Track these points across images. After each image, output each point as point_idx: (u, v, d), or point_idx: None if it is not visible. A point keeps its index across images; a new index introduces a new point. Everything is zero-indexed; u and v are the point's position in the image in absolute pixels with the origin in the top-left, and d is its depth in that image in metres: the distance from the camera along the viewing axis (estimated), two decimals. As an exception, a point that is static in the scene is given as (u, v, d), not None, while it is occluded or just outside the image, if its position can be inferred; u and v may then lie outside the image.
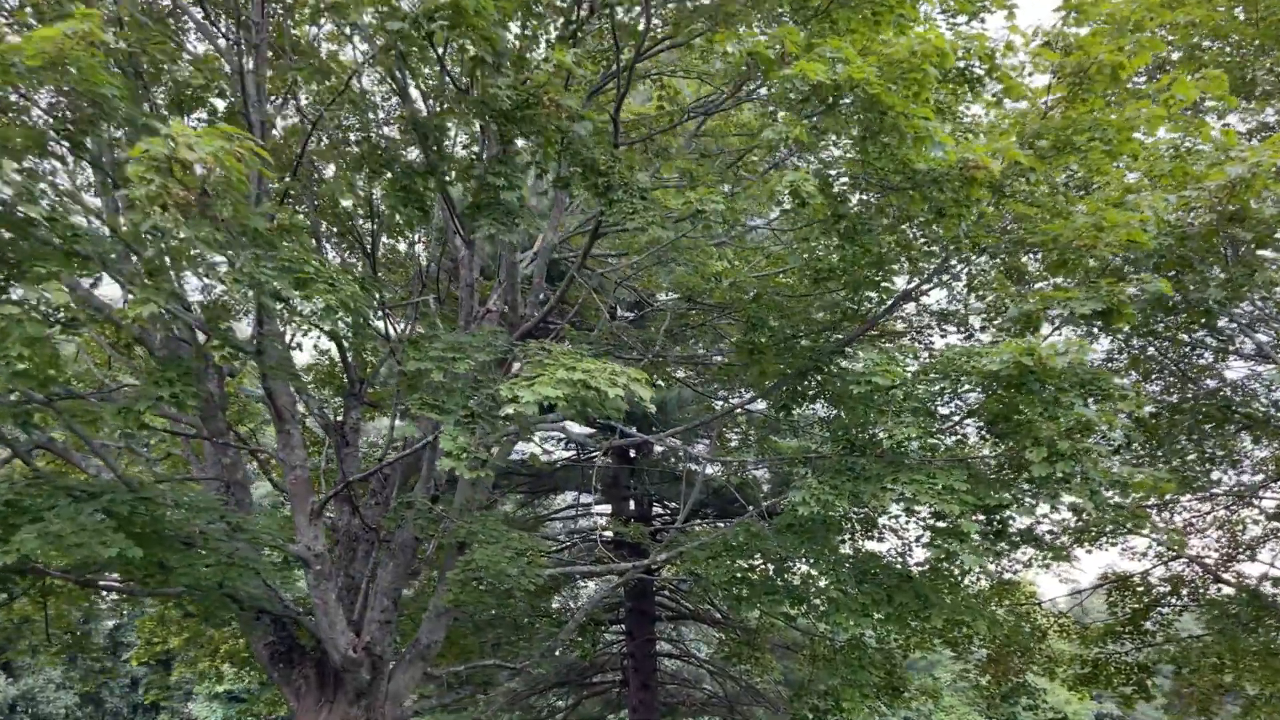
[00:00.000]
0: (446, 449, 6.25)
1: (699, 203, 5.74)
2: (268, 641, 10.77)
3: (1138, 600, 14.45)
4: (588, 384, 5.69)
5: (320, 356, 13.37)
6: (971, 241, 6.97)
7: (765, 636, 16.89)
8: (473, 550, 9.09)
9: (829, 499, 6.69)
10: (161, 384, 5.68)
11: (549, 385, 5.71)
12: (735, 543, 8.12)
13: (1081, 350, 5.87)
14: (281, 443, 9.78)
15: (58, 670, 32.12)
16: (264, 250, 5.66)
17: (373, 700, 10.48)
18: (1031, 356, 5.82)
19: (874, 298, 8.19)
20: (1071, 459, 6.06)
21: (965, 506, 6.36)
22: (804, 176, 5.52)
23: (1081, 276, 6.78)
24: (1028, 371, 6.00)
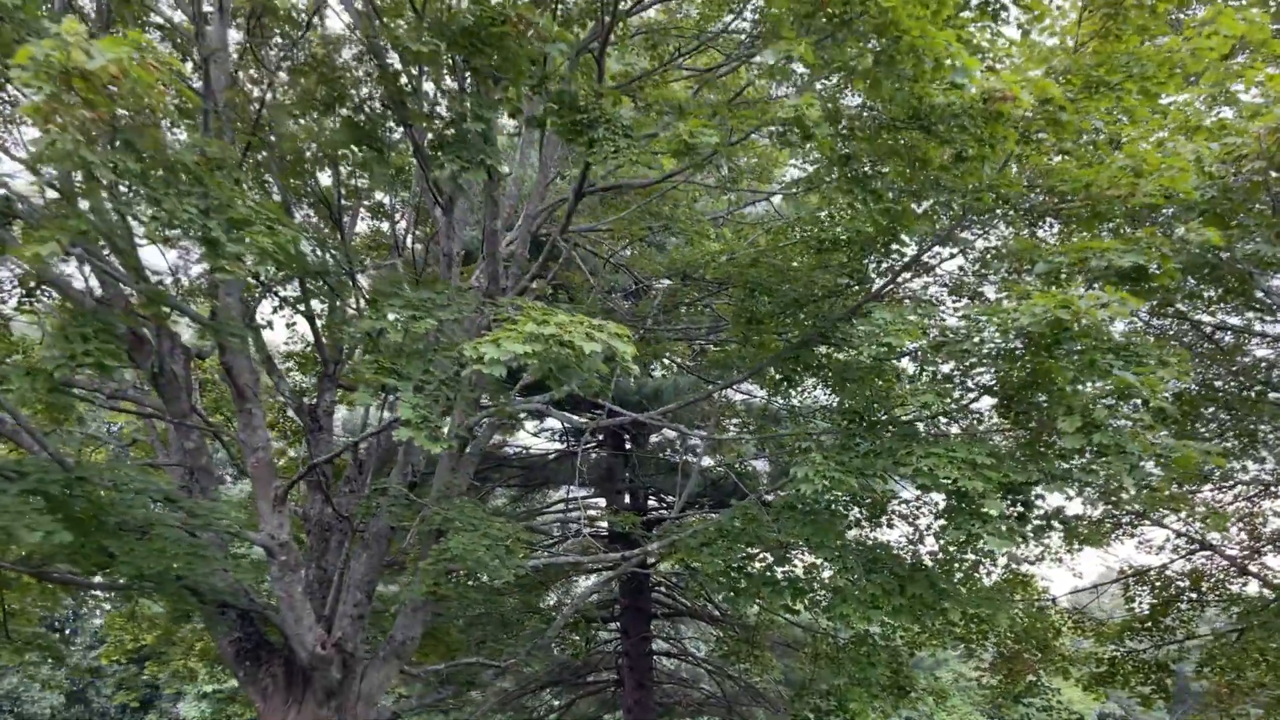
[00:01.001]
0: (405, 417, 5.55)
1: (690, 136, 5.03)
2: (233, 638, 10.06)
3: (1156, 596, 13.73)
4: (561, 340, 4.98)
5: (291, 335, 12.67)
6: (994, 192, 6.26)
7: (765, 634, 16.18)
8: (448, 538, 8.38)
9: (835, 475, 5.99)
10: (74, 339, 4.98)
11: (517, 341, 5.00)
12: (730, 529, 7.41)
13: (1124, 305, 5.16)
14: (242, 423, 9.07)
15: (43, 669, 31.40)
16: (191, 186, 4.94)
17: (343, 700, 9.78)
18: (1068, 309, 5.10)
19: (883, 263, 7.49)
20: (1110, 431, 5.36)
21: (989, 484, 5.66)
22: (809, 100, 4.81)
23: (1115, 230, 6.06)
24: (1062, 329, 5.29)
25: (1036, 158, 6.86)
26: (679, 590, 20.45)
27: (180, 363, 10.35)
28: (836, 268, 7.64)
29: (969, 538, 5.79)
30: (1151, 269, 5.93)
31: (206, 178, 4.98)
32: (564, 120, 5.61)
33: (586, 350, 4.87)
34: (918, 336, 5.79)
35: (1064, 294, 5.19)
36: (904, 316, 5.91)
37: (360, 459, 11.12)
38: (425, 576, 8.40)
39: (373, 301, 5.90)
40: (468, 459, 10.79)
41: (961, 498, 5.89)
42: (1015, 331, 5.44)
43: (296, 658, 9.48)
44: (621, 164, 5.24)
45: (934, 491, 6.06)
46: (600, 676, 20.93)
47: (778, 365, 7.54)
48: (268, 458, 9.11)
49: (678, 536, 8.83)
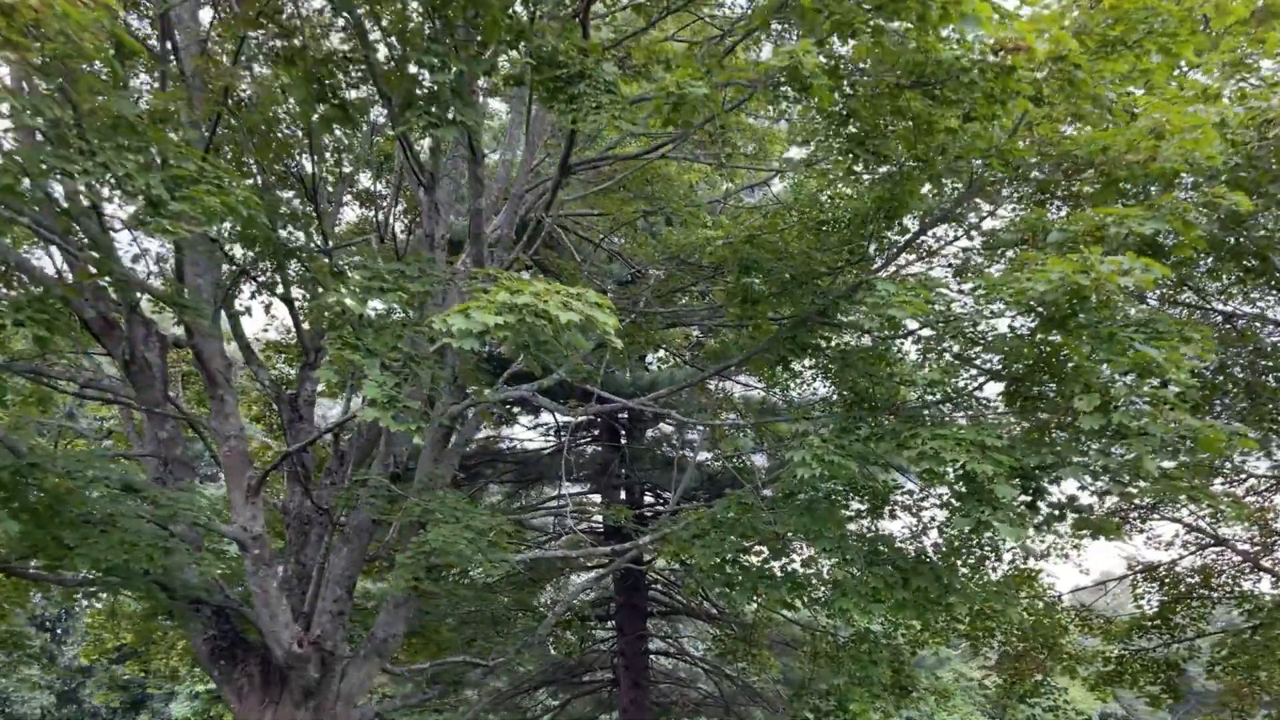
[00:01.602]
0: (371, 396, 5.14)
1: (678, 87, 4.63)
2: (207, 636, 9.66)
3: (1166, 593, 13.32)
4: (536, 310, 4.57)
5: (271, 321, 12.23)
6: (1003, 159, 5.85)
7: (763, 632, 15.76)
8: (427, 530, 7.97)
9: (834, 460, 5.58)
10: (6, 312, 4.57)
11: (489, 312, 4.59)
12: (724, 519, 7.00)
13: (1148, 271, 4.74)
14: (214, 410, 8.67)
15: (33, 670, 31.02)
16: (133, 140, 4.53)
17: (322, 701, 9.37)
18: (1088, 274, 4.69)
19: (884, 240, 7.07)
20: (1130, 411, 4.95)
21: (999, 468, 5.25)
22: (805, 46, 4.40)
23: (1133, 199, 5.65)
24: (1080, 298, 4.88)
25: (1047, 127, 6.45)
26: (675, 588, 20.05)
27: (156, 350, 9.95)
28: (836, 244, 7.23)
29: (978, 526, 5.39)
30: (1168, 244, 5.54)
31: (150, 131, 4.56)
32: (543, 77, 5.21)
33: (563, 319, 4.46)
34: (924, 310, 5.38)
35: (1082, 258, 4.77)
36: (908, 289, 5.50)
37: (342, 450, 10.71)
38: (404, 570, 7.99)
39: (339, 274, 5.48)
40: (453, 450, 10.38)
41: (970, 482, 5.49)
42: (1029, 303, 5.02)
43: (273, 656, 9.08)
44: (604, 123, 4.83)
45: (940, 477, 5.65)
46: (596, 676, 20.52)
47: (774, 348, 7.13)
48: (241, 446, 8.70)
49: (669, 530, 8.43)
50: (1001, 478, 5.31)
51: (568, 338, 4.97)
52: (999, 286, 5.22)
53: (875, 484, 7.21)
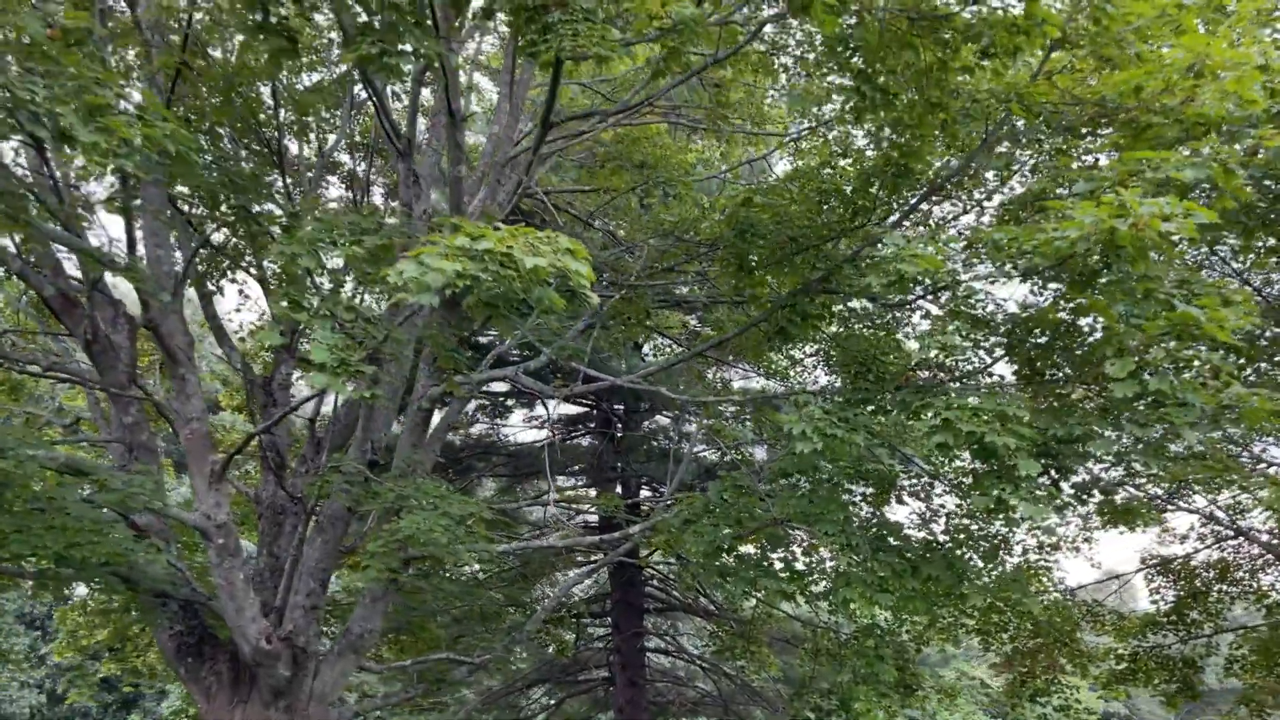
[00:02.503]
0: (319, 359, 4.61)
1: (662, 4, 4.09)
2: (173, 632, 9.13)
3: (1184, 588, 12.76)
4: (498, 255, 4.02)
5: (243, 302, 11.70)
6: (1024, 103, 5.30)
7: (762, 628, 15.21)
8: (401, 518, 7.43)
9: (837, 434, 5.04)
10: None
11: (447, 258, 4.04)
12: (718, 503, 6.46)
13: (1191, 217, 4.17)
14: (175, 390, 8.13)
15: (22, 668, 30.52)
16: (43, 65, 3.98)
17: (293, 701, 8.82)
18: (1125, 218, 4.12)
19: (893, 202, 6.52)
20: (1168, 378, 4.40)
21: (1021, 441, 4.71)
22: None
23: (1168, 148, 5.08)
24: (1113, 248, 4.32)
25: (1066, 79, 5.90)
26: (672, 584, 19.52)
27: (124, 333, 9.44)
28: (840, 206, 6.67)
29: (998, 504, 4.85)
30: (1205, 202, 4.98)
31: (61, 55, 4.02)
32: (513, 3, 4.66)
33: (528, 264, 3.91)
34: (936, 266, 4.83)
35: (1118, 201, 4.22)
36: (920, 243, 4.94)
37: (318, 436, 10.17)
38: (376, 561, 7.45)
39: (288, 228, 4.93)
40: (434, 435, 9.84)
41: (989, 457, 4.95)
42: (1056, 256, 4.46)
43: (240, 653, 8.56)
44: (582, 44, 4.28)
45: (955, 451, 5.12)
46: (591, 674, 19.99)
47: (773, 319, 6.58)
48: (203, 429, 8.17)
49: (660, 518, 7.88)
50: (1023, 452, 4.78)
51: (539, 293, 4.42)
52: (1019, 239, 4.66)
53: (881, 466, 6.67)
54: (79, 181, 10.14)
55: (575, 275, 4.10)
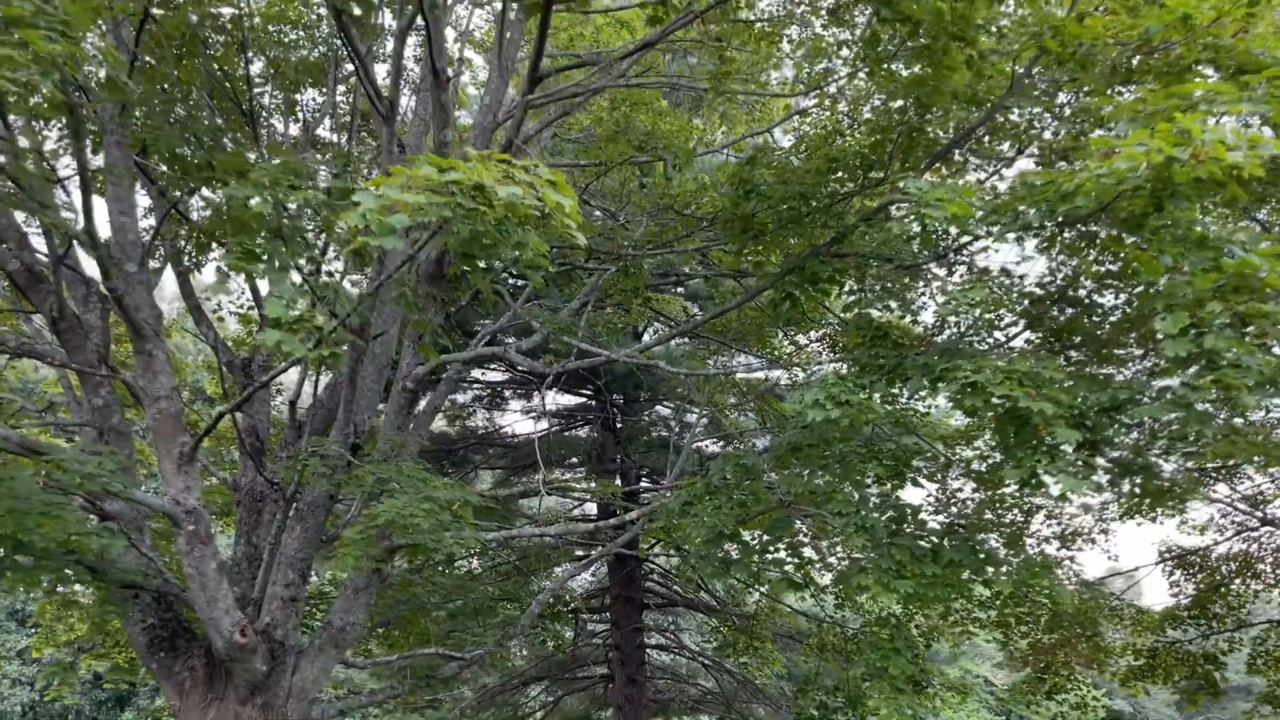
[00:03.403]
0: (273, 317, 4.11)
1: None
2: (145, 625, 8.63)
3: (1205, 581, 12.24)
4: (468, 187, 3.52)
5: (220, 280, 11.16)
6: (1059, 37, 4.79)
7: (765, 623, 14.70)
8: (380, 502, 6.94)
9: (853, 400, 4.54)
10: None
11: (412, 191, 3.55)
12: (719, 484, 5.96)
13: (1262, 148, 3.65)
14: (141, 366, 7.64)
15: (13, 666, 30.08)
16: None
17: (271, 697, 8.33)
18: (1186, 147, 3.61)
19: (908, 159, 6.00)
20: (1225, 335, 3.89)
21: (1058, 408, 4.21)
22: None
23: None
24: (1167, 186, 3.81)
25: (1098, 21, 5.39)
26: (673, 579, 19.04)
27: (96, 312, 8.97)
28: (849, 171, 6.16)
29: (1031, 477, 4.35)
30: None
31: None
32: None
33: (501, 194, 3.41)
34: (965, 212, 4.31)
35: (1177, 128, 3.70)
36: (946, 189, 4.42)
37: (300, 421, 9.68)
38: (352, 548, 6.95)
39: (242, 174, 4.42)
40: (421, 418, 9.37)
41: (1021, 425, 4.44)
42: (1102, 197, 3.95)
43: (213, 646, 8.07)
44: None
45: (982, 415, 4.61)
46: (590, 671, 19.52)
47: (779, 286, 6.06)
48: (173, 408, 7.67)
49: (658, 503, 7.38)
50: (1060, 421, 4.28)
51: (519, 236, 3.92)
52: (1056, 182, 4.13)
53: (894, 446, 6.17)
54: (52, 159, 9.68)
55: (557, 210, 3.60)
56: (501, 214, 3.70)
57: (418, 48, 11.95)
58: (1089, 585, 11.49)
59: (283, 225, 4.38)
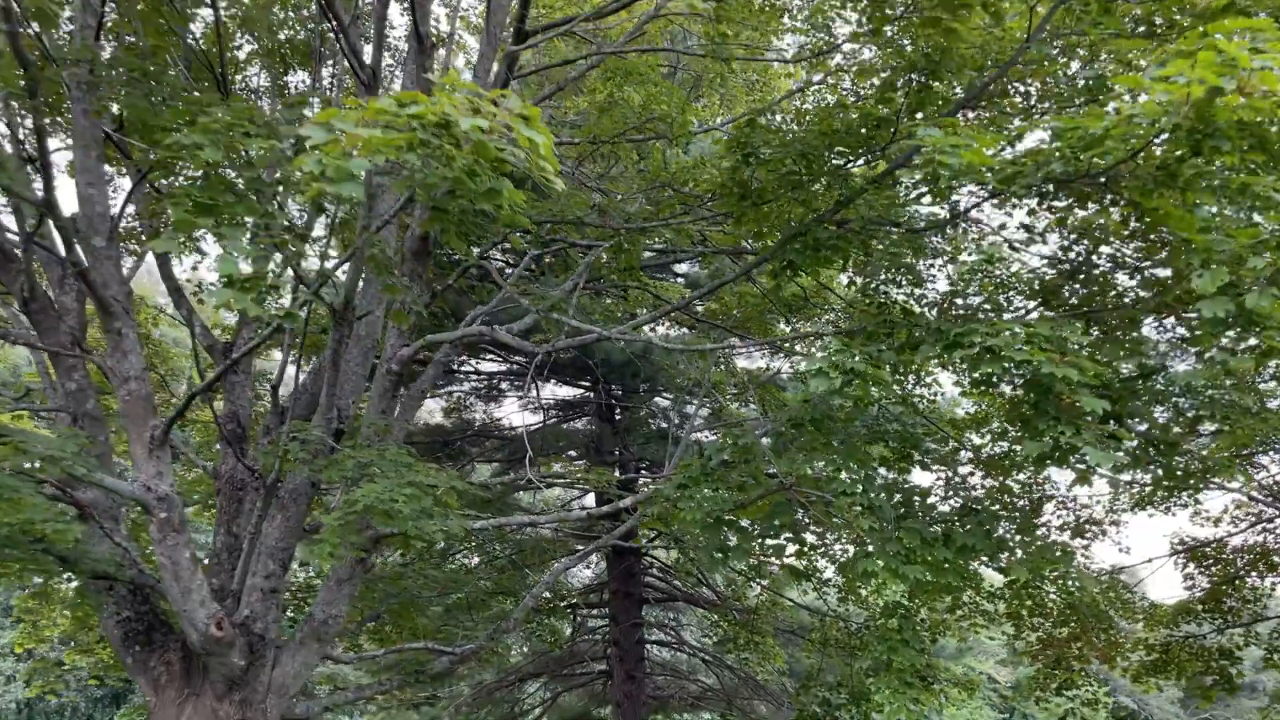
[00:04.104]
0: (224, 274, 3.76)
1: None
2: (121, 618, 8.29)
3: (1220, 574, 11.87)
4: (430, 122, 3.16)
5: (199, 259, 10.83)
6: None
7: (766, 617, 14.33)
8: (359, 486, 6.58)
9: (860, 368, 4.16)
10: None
11: (368, 127, 3.19)
12: (717, 465, 5.58)
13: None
14: (111, 346, 7.29)
15: (7, 663, 29.76)
16: None
17: (249, 693, 7.98)
18: (1233, 76, 3.23)
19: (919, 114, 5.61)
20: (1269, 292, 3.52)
21: (1084, 375, 3.84)
22: None
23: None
24: (1207, 126, 3.44)
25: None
26: (672, 573, 18.70)
27: (71, 294, 8.63)
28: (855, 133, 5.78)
29: (1056, 449, 3.98)
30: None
31: None
32: None
33: (464, 126, 3.05)
34: (985, 162, 3.90)
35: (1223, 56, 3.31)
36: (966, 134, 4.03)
37: (282, 406, 9.32)
38: (331, 535, 6.59)
39: (191, 121, 4.06)
40: (407, 402, 9.00)
41: (1043, 393, 4.07)
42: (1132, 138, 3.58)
43: (188, 640, 7.73)
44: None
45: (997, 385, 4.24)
46: (589, 667, 19.18)
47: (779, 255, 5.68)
48: (143, 390, 7.32)
49: (654, 488, 7.02)
50: (1085, 388, 3.92)
51: (493, 184, 3.56)
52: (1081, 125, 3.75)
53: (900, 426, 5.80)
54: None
55: (530, 148, 3.23)
56: (470, 158, 3.33)
57: (406, 28, 11.60)
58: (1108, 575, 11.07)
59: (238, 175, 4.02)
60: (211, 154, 3.83)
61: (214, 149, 3.85)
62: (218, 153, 3.85)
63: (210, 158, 3.82)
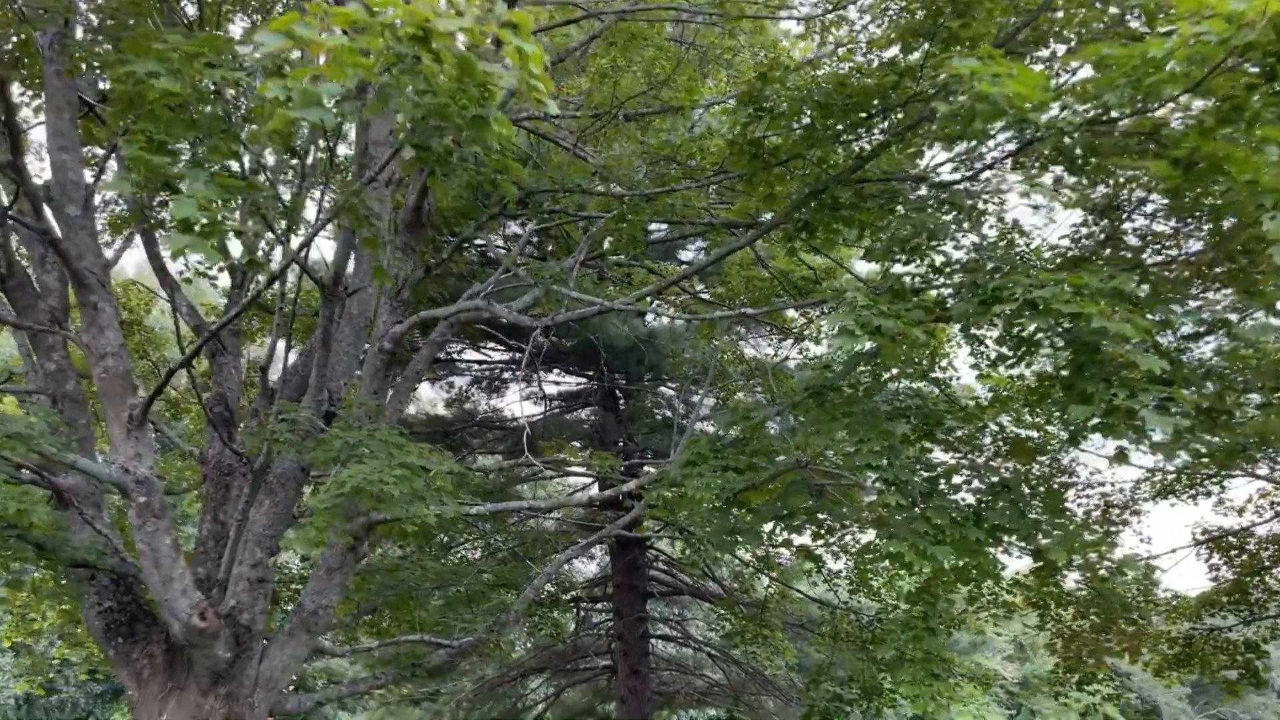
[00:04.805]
0: (181, 218, 3.38)
1: None
2: (102, 608, 7.93)
3: (1245, 565, 11.44)
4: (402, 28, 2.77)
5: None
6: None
7: (775, 611, 13.94)
8: (347, 467, 6.19)
9: (887, 324, 3.74)
10: None
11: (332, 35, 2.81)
12: (729, 442, 5.19)
13: None
14: (86, 321, 6.91)
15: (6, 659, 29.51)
16: None
17: (235, 687, 7.62)
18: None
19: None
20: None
21: (1137, 330, 3.42)
22: None
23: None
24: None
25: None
26: (678, 567, 18.33)
27: (54, 273, 8.28)
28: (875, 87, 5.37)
29: (1110, 414, 3.55)
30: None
31: None
32: None
33: (446, 28, 2.65)
34: (1035, 97, 3.46)
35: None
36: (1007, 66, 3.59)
37: (271, 388, 8.94)
38: (318, 519, 6.21)
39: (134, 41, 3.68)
40: (402, 383, 8.62)
41: (1091, 353, 3.65)
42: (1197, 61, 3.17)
43: (170, 631, 7.36)
44: None
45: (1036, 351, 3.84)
46: (592, 663, 18.81)
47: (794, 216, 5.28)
48: (120, 367, 6.94)
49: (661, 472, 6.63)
50: (1139, 348, 3.51)
51: (480, 113, 3.18)
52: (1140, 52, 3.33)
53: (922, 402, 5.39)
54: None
55: (519, 60, 2.83)
56: (455, 72, 2.94)
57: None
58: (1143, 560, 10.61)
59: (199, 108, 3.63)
60: (168, 83, 3.43)
61: (171, 78, 3.45)
62: (175, 82, 3.45)
63: (167, 87, 3.42)
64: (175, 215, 3.38)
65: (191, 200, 3.39)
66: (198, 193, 3.43)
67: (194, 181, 3.51)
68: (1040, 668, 41.32)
